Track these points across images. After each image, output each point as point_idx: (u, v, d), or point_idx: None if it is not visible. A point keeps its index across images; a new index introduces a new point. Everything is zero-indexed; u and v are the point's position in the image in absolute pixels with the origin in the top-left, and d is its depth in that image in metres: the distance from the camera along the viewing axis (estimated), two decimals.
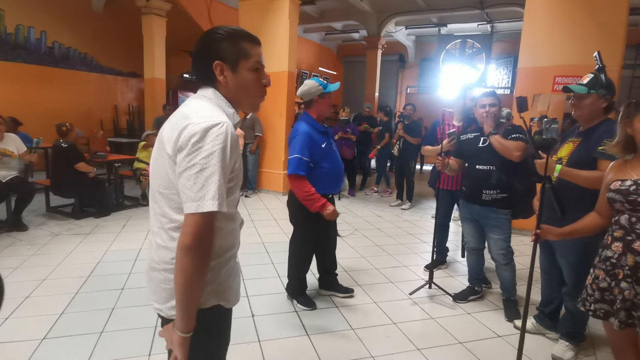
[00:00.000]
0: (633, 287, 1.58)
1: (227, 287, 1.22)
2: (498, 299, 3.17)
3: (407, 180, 6.60)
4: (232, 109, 1.18)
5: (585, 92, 2.19)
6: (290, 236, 3.14)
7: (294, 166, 2.65)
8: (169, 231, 1.13)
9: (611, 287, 1.66)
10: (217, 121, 1.05)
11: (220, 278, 1.19)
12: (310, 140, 2.69)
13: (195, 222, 1.01)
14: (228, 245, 1.21)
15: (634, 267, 1.57)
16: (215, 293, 1.18)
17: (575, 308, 2.44)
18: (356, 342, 2.56)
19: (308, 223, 2.88)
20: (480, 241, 3.09)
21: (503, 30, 10.80)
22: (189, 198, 1.02)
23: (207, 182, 1.01)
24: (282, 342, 2.53)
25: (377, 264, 3.95)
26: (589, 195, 2.10)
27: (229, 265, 1.22)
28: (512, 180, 2.85)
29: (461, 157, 3.12)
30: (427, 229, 5.39)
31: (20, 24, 8.00)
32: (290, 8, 6.91)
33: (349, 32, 11.95)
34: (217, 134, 1.03)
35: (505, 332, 2.74)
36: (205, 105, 1.11)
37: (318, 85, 2.74)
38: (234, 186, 1.18)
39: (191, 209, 1.01)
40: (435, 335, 2.69)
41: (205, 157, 1.01)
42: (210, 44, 1.16)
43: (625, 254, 1.61)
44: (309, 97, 2.78)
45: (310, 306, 2.96)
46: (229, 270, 1.23)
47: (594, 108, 2.21)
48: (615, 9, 4.65)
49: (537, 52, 5.07)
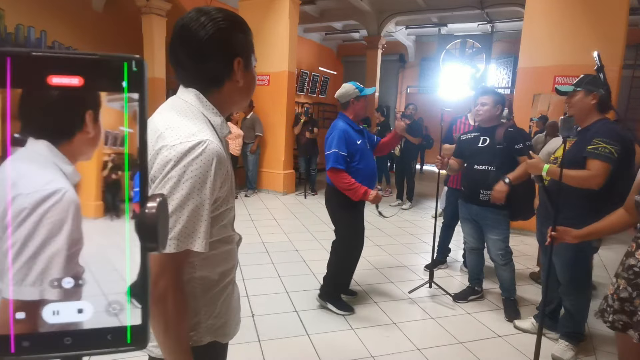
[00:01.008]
0: None
1: (225, 321, 1.05)
2: (498, 299, 3.17)
3: (408, 180, 6.61)
4: (220, 117, 0.98)
5: (572, 90, 2.32)
6: (290, 237, 3.12)
7: (332, 160, 2.72)
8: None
9: (632, 297, 1.52)
10: (197, 140, 0.86)
11: (216, 312, 1.02)
12: (347, 136, 2.76)
13: (155, 265, 0.85)
14: (224, 270, 1.04)
15: None
16: (211, 329, 1.02)
17: (573, 308, 2.45)
18: (356, 342, 2.56)
19: (351, 220, 2.91)
20: (480, 241, 3.09)
21: (503, 30, 10.79)
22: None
23: (179, 219, 0.85)
24: (282, 342, 2.54)
25: (377, 264, 3.95)
26: (583, 196, 2.14)
27: (225, 293, 1.05)
28: None
29: (461, 157, 3.12)
30: (427, 228, 5.39)
31: (20, 24, 7.99)
32: (291, 8, 6.92)
33: (349, 32, 11.93)
34: (197, 158, 0.85)
35: (505, 332, 2.74)
36: (183, 119, 0.91)
37: (355, 89, 2.84)
38: (228, 209, 1.01)
39: (169, 246, 0.85)
40: (435, 335, 2.70)
41: (180, 189, 0.84)
42: (226, 35, 0.94)
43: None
44: (345, 98, 2.86)
45: (348, 311, 2.93)
46: (226, 300, 1.06)
47: (583, 105, 2.28)
48: (615, 9, 4.65)
49: (537, 52, 5.08)
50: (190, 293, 0.96)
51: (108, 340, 0.34)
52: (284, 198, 7.04)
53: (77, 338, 0.34)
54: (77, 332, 0.34)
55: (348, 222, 2.90)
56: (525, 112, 5.23)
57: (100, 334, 0.34)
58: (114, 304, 0.35)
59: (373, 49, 10.89)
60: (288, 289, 3.29)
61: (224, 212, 0.99)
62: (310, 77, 11.62)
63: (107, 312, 0.35)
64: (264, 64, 7.25)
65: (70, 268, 0.36)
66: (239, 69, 0.96)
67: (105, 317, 0.35)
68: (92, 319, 0.35)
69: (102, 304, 0.35)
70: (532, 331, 2.70)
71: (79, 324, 0.35)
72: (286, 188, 7.34)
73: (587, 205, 2.18)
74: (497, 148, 2.83)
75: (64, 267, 0.36)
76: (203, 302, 0.99)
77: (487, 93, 2.98)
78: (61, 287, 0.35)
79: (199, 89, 0.96)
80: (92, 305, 0.35)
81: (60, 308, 0.34)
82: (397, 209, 6.25)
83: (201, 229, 0.87)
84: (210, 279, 1.00)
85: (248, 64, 0.99)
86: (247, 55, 0.99)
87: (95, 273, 0.36)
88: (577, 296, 2.44)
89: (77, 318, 0.35)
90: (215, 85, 0.97)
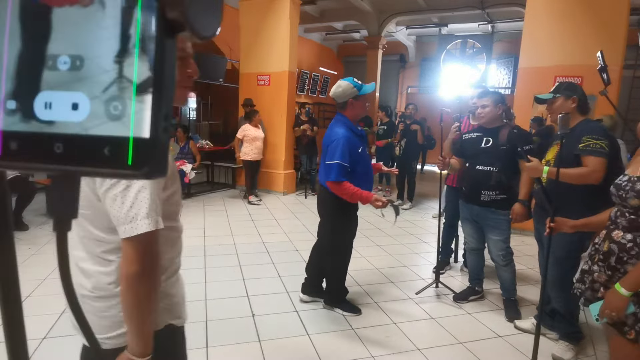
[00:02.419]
0: (605, 272, 1.65)
1: (177, 301, 1.13)
2: (498, 299, 3.17)
3: (409, 180, 6.60)
4: None
5: (551, 97, 2.43)
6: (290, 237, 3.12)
7: (335, 173, 2.55)
8: (103, 254, 1.01)
9: (590, 269, 1.74)
10: None
11: (172, 292, 1.11)
12: (350, 145, 2.59)
13: (134, 248, 0.91)
14: (175, 254, 1.12)
15: (607, 252, 1.65)
16: (167, 310, 1.09)
17: (561, 308, 2.49)
18: (356, 342, 2.56)
19: (344, 226, 2.84)
20: (480, 241, 3.09)
21: (504, 30, 10.79)
22: (120, 221, 0.91)
23: (136, 200, 0.90)
24: (282, 342, 2.54)
25: (378, 264, 3.95)
26: (579, 193, 2.23)
27: (176, 276, 1.14)
28: (512, 182, 2.84)
29: (463, 157, 3.11)
30: (428, 229, 5.39)
31: None
32: (291, 8, 6.92)
33: (350, 32, 11.94)
34: None
35: (506, 332, 2.74)
36: None
37: (353, 87, 2.63)
38: (173, 194, 1.06)
39: (125, 233, 0.91)
40: (436, 335, 2.69)
41: None
42: None
43: (604, 241, 1.68)
44: (343, 98, 2.66)
45: (356, 312, 2.90)
46: (177, 282, 1.14)
47: (564, 109, 2.37)
48: (615, 9, 4.65)
49: (538, 53, 5.07)
50: None
51: (105, 156, 0.27)
52: (285, 198, 7.04)
53: (68, 146, 0.27)
54: (69, 137, 0.27)
55: (340, 227, 2.82)
56: (526, 112, 5.22)
57: (96, 144, 0.27)
58: (115, 102, 0.26)
59: (373, 49, 10.89)
60: (288, 289, 3.29)
61: (171, 195, 1.04)
62: (310, 77, 11.62)
63: (107, 113, 0.27)
64: (265, 64, 7.25)
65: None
66: None
67: (104, 121, 0.27)
68: (87, 121, 0.27)
69: (101, 100, 0.27)
70: (533, 331, 2.68)
71: (72, 125, 0.27)
72: (286, 188, 7.34)
73: (583, 202, 2.23)
74: (500, 149, 2.82)
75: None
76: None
77: (485, 94, 2.97)
78: (57, 69, 0.27)
79: None
80: (89, 100, 0.27)
81: (53, 99, 0.27)
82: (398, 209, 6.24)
83: (158, 207, 0.94)
84: (166, 259, 1.06)
85: None
86: None
87: (94, 58, 0.27)
88: (564, 294, 2.46)
89: (70, 116, 0.27)
90: None
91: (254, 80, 7.38)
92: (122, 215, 0.90)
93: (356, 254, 4.22)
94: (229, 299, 3.09)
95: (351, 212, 2.83)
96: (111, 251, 0.99)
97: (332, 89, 2.73)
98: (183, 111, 10.82)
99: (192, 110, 11.13)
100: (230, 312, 2.88)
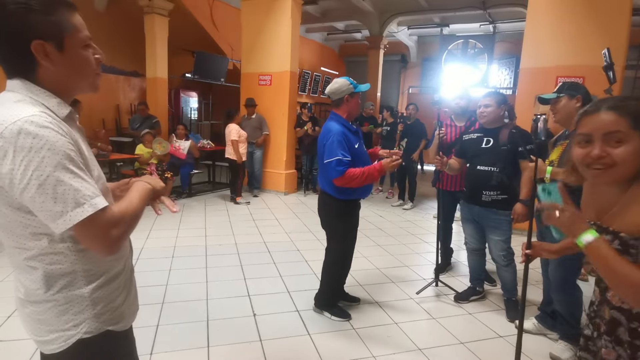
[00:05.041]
0: (613, 348, 1.20)
1: (116, 307, 1.06)
2: (499, 299, 3.17)
3: (410, 180, 6.60)
4: (55, 98, 0.94)
5: (555, 97, 2.39)
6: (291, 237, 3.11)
7: (333, 169, 2.50)
8: (25, 262, 0.95)
9: (594, 337, 1.32)
10: (14, 118, 0.83)
11: (110, 298, 1.04)
12: (346, 139, 2.56)
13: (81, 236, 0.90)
14: (114, 256, 1.05)
15: (610, 322, 1.22)
16: (104, 316, 1.02)
17: (563, 309, 2.47)
18: (357, 342, 2.56)
19: (345, 230, 2.81)
20: (481, 242, 3.09)
21: (505, 31, 10.78)
22: (49, 218, 0.85)
23: (56, 194, 0.84)
24: (283, 342, 2.54)
25: (379, 264, 3.95)
26: (577, 195, 2.12)
27: (116, 282, 1.07)
28: (514, 182, 2.84)
29: (463, 157, 3.11)
30: (429, 229, 5.39)
31: None
32: (293, 8, 6.92)
33: (351, 32, 11.94)
34: (26, 132, 0.82)
35: (507, 333, 2.73)
36: (8, 106, 0.87)
37: (349, 84, 2.63)
38: (102, 183, 1.01)
39: (60, 227, 0.85)
40: (437, 335, 2.69)
41: (32, 167, 0.82)
42: (13, 19, 0.86)
43: (602, 304, 1.26)
44: (338, 95, 2.65)
45: (345, 317, 2.84)
46: (117, 287, 1.07)
47: (568, 110, 2.34)
48: (618, 10, 4.64)
49: (540, 53, 5.06)
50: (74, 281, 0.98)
51: None
52: (286, 198, 7.04)
53: None
54: None
55: (342, 232, 2.80)
56: (528, 113, 5.21)
57: None
58: None
59: (375, 49, 10.89)
60: (289, 289, 3.29)
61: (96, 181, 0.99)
62: (312, 77, 11.63)
63: None
64: (266, 64, 7.25)
65: None
66: (45, 54, 0.90)
67: None
68: None
69: None
70: (534, 332, 2.70)
71: None
72: (288, 188, 7.33)
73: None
74: (501, 149, 2.82)
75: None
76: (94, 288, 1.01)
77: (488, 95, 2.97)
78: None
79: (22, 77, 0.92)
80: None
81: None
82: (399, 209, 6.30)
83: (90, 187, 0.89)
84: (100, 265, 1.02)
85: (60, 45, 0.91)
86: (55, 35, 0.90)
87: None
88: (566, 297, 2.46)
89: None
90: (23, 73, 0.92)
91: (255, 80, 7.38)
92: (49, 215, 0.85)
93: (357, 254, 4.20)
94: (230, 298, 3.10)
95: (352, 216, 2.81)
96: (33, 258, 0.94)
97: (328, 86, 2.72)
98: (184, 111, 10.83)
99: (194, 110, 11.13)
100: (232, 311, 2.88)
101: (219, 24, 9.00)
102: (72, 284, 0.98)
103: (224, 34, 9.21)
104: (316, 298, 2.97)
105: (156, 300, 2.98)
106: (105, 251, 0.92)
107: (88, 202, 0.86)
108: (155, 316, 2.75)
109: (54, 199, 0.83)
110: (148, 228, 4.78)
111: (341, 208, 2.71)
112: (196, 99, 11.13)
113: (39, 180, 0.82)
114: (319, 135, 2.72)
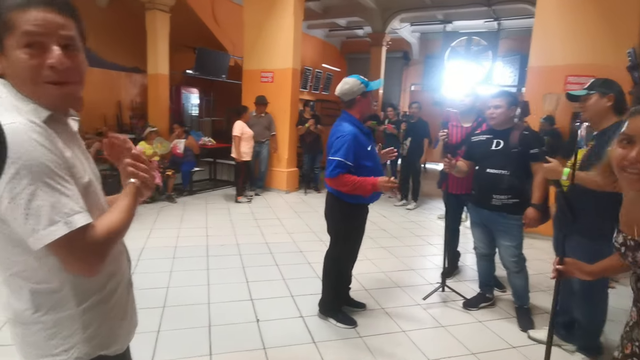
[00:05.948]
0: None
1: (110, 327, 1.00)
2: (510, 307, 3.07)
3: (414, 179, 6.52)
4: (32, 103, 0.86)
5: (585, 93, 2.26)
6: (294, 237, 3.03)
7: (334, 168, 2.45)
8: (13, 278, 0.89)
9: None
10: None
11: (102, 319, 0.97)
12: (357, 143, 2.48)
13: (58, 254, 0.83)
14: (107, 273, 0.99)
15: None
16: (95, 341, 0.96)
17: (586, 319, 2.35)
18: (364, 352, 2.47)
19: (351, 234, 2.73)
20: (491, 247, 3.00)
21: (510, 28, 10.64)
22: (23, 234, 0.80)
23: (30, 210, 0.78)
24: (288, 350, 2.45)
25: (383, 267, 3.86)
26: (604, 201, 2.01)
27: (111, 302, 1.00)
28: (526, 185, 2.75)
29: (472, 159, 3.01)
30: (434, 230, 5.30)
31: None
32: (295, 4, 6.81)
33: (353, 29, 11.81)
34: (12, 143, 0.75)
35: (520, 343, 2.64)
36: None
37: (360, 84, 2.52)
38: (88, 184, 0.94)
39: (33, 245, 0.80)
40: (446, 345, 2.60)
41: (6, 180, 0.76)
42: None
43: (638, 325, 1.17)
44: (350, 96, 2.54)
45: (351, 324, 2.74)
46: (111, 307, 1.00)
47: (598, 108, 2.23)
48: (628, 7, 4.54)
49: (549, 51, 4.96)
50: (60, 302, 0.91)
51: None
52: (288, 196, 6.95)
53: None
54: None
55: (348, 236, 2.71)
56: (536, 112, 5.12)
57: None
58: None
59: (377, 46, 10.78)
60: (293, 293, 3.21)
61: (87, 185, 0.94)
62: (313, 73, 11.51)
63: None
64: (268, 60, 7.15)
65: None
66: None
67: None
68: None
69: None
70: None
71: None
72: (289, 186, 7.25)
73: (597, 210, 2.05)
74: (512, 152, 2.72)
75: None
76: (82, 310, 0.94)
77: (499, 95, 2.87)
78: None
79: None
80: None
81: None
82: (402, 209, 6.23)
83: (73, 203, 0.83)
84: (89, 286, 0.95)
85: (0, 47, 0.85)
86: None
87: None
88: (591, 307, 2.35)
89: None
90: None
91: (257, 77, 7.28)
92: (21, 230, 0.80)
93: (361, 256, 4.10)
94: (232, 302, 3.01)
95: (358, 219, 2.73)
96: (19, 274, 0.88)
97: (339, 86, 2.60)
98: (185, 107, 10.72)
99: (195, 107, 11.03)
100: (234, 316, 2.80)
101: (220, 20, 8.90)
102: (60, 304, 0.91)
103: (226, 30, 9.10)
104: (320, 304, 2.89)
105: (157, 304, 2.90)
106: (85, 274, 0.88)
107: (63, 220, 0.80)
108: (156, 321, 2.67)
109: (26, 215, 0.78)
110: (149, 227, 4.70)
111: (347, 210, 2.63)
112: (197, 96, 11.02)
113: (11, 193, 0.77)
114: (331, 132, 2.63)
